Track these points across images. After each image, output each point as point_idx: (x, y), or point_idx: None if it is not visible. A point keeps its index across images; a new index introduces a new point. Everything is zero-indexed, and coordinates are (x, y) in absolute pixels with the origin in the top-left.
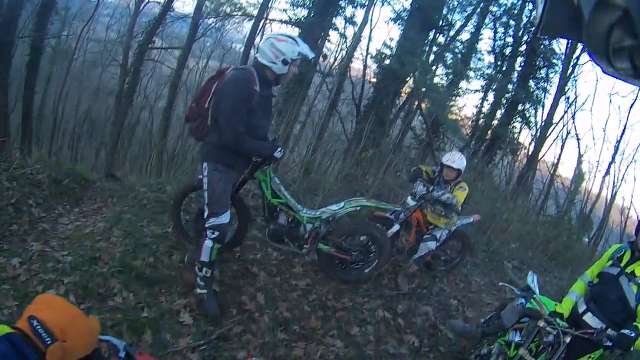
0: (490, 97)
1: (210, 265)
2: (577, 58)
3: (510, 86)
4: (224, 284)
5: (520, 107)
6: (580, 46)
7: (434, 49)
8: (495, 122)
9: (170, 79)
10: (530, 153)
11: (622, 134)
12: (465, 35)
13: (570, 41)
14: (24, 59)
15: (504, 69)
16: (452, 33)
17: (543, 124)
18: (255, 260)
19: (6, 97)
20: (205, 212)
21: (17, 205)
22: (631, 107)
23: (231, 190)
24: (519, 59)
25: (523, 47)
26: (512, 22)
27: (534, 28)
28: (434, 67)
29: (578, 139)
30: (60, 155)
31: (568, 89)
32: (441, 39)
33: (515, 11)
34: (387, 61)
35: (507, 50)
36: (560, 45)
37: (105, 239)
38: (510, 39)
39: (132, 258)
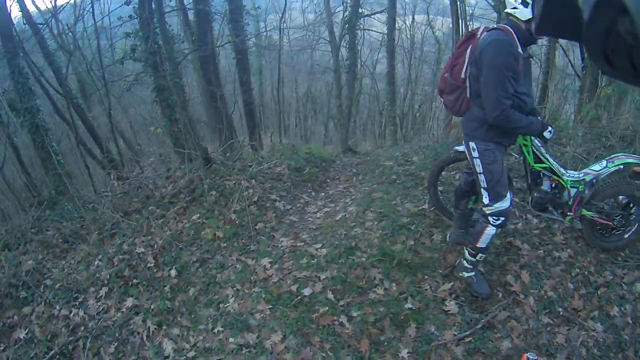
0: None
1: (486, 251)
2: None
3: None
4: (487, 262)
5: None
6: None
7: None
8: None
9: (383, 43)
10: None
11: None
12: None
13: None
14: (232, 62)
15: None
16: None
17: None
18: (517, 231)
19: (224, 101)
20: (484, 197)
21: (259, 203)
22: None
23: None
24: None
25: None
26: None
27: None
28: None
29: None
30: (289, 136)
31: None
32: None
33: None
34: None
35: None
36: None
37: (359, 225)
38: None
39: (391, 243)
